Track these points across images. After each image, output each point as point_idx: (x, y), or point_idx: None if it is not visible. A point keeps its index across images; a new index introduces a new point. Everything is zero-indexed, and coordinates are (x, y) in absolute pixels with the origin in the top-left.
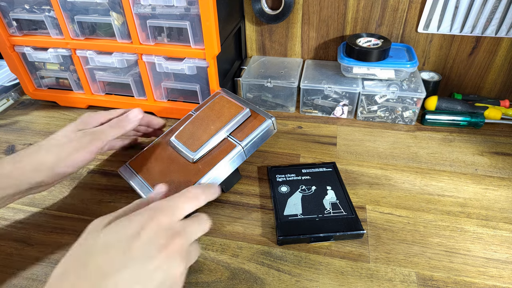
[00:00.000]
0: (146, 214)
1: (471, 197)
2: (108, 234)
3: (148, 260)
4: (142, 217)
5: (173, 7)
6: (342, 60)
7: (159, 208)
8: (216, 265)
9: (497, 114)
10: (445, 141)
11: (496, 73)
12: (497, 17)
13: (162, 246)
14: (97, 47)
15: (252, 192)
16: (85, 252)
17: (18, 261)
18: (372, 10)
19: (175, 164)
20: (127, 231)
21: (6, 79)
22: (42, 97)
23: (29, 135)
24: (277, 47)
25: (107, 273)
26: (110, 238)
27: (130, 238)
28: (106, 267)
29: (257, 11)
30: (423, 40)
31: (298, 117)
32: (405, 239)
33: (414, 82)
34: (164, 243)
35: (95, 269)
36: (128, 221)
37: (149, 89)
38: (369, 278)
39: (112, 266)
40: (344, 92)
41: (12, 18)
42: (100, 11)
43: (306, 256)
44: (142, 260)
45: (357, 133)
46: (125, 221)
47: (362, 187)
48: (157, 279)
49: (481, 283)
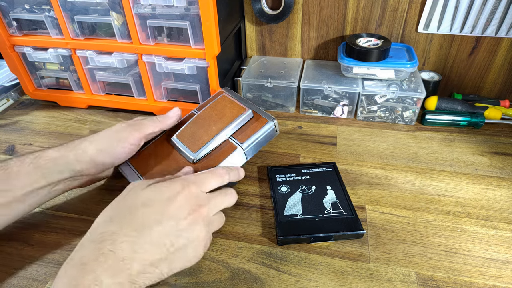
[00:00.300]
0: (180, 183)
1: (471, 197)
2: (150, 192)
3: (178, 221)
4: (177, 185)
5: (173, 7)
6: (342, 60)
7: (190, 180)
8: (216, 265)
9: (497, 114)
10: (445, 141)
11: (496, 73)
12: (497, 17)
13: (190, 211)
14: (97, 47)
15: (252, 192)
16: (129, 204)
17: (18, 261)
18: (372, 10)
19: (175, 163)
20: (166, 194)
21: (6, 79)
22: (42, 97)
23: (29, 135)
24: (277, 47)
25: (146, 224)
26: (151, 196)
27: (167, 200)
28: (146, 219)
29: (257, 11)
30: (423, 40)
31: (298, 117)
32: (405, 239)
33: (414, 82)
34: (192, 209)
35: (136, 219)
36: (167, 186)
37: (149, 89)
38: (369, 278)
39: (150, 219)
40: (344, 92)
41: (12, 18)
42: (100, 11)
43: (306, 256)
44: (174, 220)
45: (357, 133)
46: (165, 186)
47: (362, 187)
48: (183, 237)
49: (481, 283)
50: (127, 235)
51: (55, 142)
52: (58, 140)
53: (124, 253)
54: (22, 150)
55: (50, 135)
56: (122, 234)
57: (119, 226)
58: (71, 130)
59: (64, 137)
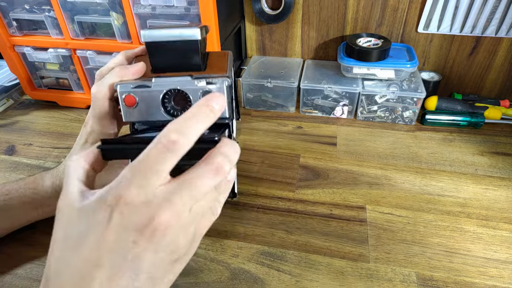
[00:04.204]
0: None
1: (471, 197)
2: (77, 225)
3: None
4: (102, 204)
5: (173, 7)
6: (342, 60)
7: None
8: (216, 265)
9: (497, 114)
10: (445, 141)
11: (496, 73)
12: (497, 17)
13: (135, 237)
14: (97, 47)
15: (252, 192)
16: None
17: (18, 261)
18: (372, 10)
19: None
20: (95, 220)
21: (6, 79)
22: (42, 97)
23: (29, 135)
24: (277, 47)
25: (84, 275)
26: (81, 229)
27: (101, 230)
28: (82, 267)
29: (257, 11)
30: (423, 40)
31: (298, 117)
32: (405, 239)
33: (414, 82)
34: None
35: (72, 268)
36: (93, 209)
37: None
38: (369, 278)
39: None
40: (344, 92)
41: (12, 18)
42: (100, 11)
43: (306, 256)
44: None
45: (357, 133)
46: (91, 208)
47: (362, 187)
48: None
49: (481, 283)
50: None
51: (55, 142)
52: (58, 140)
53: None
54: (22, 150)
55: (50, 135)
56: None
57: (58, 281)
58: (71, 130)
59: (64, 137)
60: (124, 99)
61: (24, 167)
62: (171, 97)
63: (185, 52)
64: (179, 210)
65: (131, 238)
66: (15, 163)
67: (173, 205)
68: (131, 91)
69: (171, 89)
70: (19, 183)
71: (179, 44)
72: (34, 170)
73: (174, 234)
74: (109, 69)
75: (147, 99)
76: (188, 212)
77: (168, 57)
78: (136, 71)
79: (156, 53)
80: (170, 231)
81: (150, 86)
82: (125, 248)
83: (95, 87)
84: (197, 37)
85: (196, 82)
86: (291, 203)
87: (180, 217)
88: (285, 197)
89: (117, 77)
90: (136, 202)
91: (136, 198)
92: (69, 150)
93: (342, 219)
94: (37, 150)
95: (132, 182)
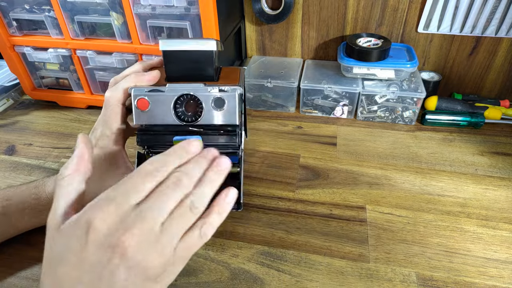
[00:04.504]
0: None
1: (471, 197)
2: (61, 243)
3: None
4: (81, 223)
5: (173, 7)
6: (342, 60)
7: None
8: (216, 265)
9: (497, 114)
10: (445, 141)
11: (496, 73)
12: (497, 17)
13: (110, 254)
14: (97, 47)
15: (252, 192)
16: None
17: (18, 261)
18: (372, 10)
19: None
20: (74, 241)
21: (6, 79)
22: (42, 97)
23: (29, 135)
24: (277, 47)
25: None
26: (64, 247)
27: (80, 249)
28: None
29: (257, 11)
30: (423, 40)
31: (298, 117)
32: (405, 239)
33: (414, 82)
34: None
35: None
36: (73, 228)
37: None
38: (369, 278)
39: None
40: (344, 92)
41: (12, 18)
42: (100, 11)
43: (306, 256)
44: (94, 273)
45: (357, 133)
46: (71, 227)
47: (362, 187)
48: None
49: (481, 283)
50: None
51: (55, 142)
52: (58, 140)
53: None
54: (22, 150)
55: (50, 135)
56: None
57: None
58: (71, 130)
59: (64, 137)
60: (137, 102)
61: (24, 167)
62: (183, 103)
63: (200, 62)
64: (148, 227)
65: (106, 256)
66: (15, 163)
67: (144, 221)
68: (145, 94)
69: (184, 94)
70: (21, 188)
71: (195, 54)
72: (34, 170)
73: (144, 250)
74: (124, 76)
75: (160, 103)
76: (158, 227)
77: (183, 66)
78: (151, 78)
79: (172, 62)
80: (140, 247)
81: (164, 91)
82: (100, 265)
83: (109, 91)
84: (213, 48)
85: (209, 89)
86: (291, 203)
87: (150, 233)
88: (285, 197)
89: (132, 83)
90: (109, 221)
91: (108, 218)
92: (69, 150)
93: (342, 219)
94: (37, 150)
95: (105, 203)
